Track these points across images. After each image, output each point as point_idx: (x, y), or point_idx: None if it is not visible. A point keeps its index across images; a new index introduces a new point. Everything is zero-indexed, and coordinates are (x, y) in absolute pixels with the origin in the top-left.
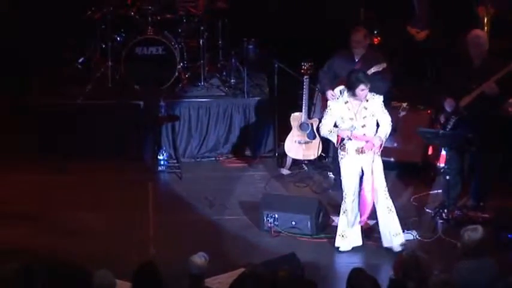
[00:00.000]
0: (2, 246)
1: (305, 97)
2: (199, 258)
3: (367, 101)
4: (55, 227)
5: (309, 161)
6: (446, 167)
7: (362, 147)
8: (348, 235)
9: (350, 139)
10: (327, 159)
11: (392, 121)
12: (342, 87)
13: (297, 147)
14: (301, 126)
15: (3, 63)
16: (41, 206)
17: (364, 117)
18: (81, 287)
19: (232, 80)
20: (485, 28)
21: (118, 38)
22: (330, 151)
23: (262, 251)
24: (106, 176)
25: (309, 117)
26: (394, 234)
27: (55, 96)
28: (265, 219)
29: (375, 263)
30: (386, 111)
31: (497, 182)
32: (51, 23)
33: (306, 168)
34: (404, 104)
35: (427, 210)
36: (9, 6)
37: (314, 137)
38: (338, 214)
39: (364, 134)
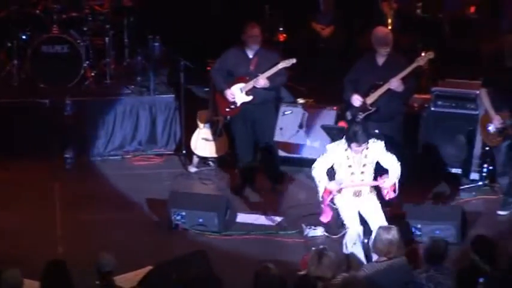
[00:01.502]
0: None
1: (211, 94)
2: (108, 256)
3: (367, 148)
4: None
5: (216, 158)
6: None
7: (360, 191)
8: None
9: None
10: (233, 157)
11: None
12: (242, 85)
13: (204, 144)
14: (208, 124)
15: None
16: None
17: (363, 165)
18: None
19: (138, 78)
20: (389, 23)
21: (23, 37)
22: (237, 148)
23: (170, 249)
24: (12, 175)
25: (216, 114)
26: None
27: None
28: (172, 217)
29: (285, 259)
30: (389, 153)
31: (404, 178)
32: None
33: (212, 165)
34: (310, 101)
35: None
36: None
37: (220, 134)
38: (245, 211)
39: (363, 180)
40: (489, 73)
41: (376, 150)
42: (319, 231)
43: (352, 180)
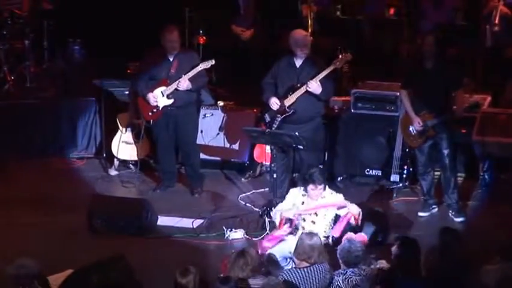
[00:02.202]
0: None
1: (132, 98)
2: (30, 261)
3: (322, 197)
4: None
5: (137, 161)
6: (272, 165)
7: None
8: None
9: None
10: (155, 159)
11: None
12: (163, 88)
13: (125, 147)
14: (129, 127)
15: None
16: None
17: (315, 214)
18: None
19: (58, 81)
20: (309, 26)
21: None
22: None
23: (90, 253)
24: None
25: (136, 117)
26: None
27: None
28: (94, 221)
29: (206, 262)
30: (348, 201)
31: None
32: None
33: (133, 168)
34: (231, 103)
35: (255, 208)
36: None
37: (142, 137)
38: (166, 214)
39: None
40: (409, 74)
41: (334, 201)
42: (239, 234)
43: (303, 226)
